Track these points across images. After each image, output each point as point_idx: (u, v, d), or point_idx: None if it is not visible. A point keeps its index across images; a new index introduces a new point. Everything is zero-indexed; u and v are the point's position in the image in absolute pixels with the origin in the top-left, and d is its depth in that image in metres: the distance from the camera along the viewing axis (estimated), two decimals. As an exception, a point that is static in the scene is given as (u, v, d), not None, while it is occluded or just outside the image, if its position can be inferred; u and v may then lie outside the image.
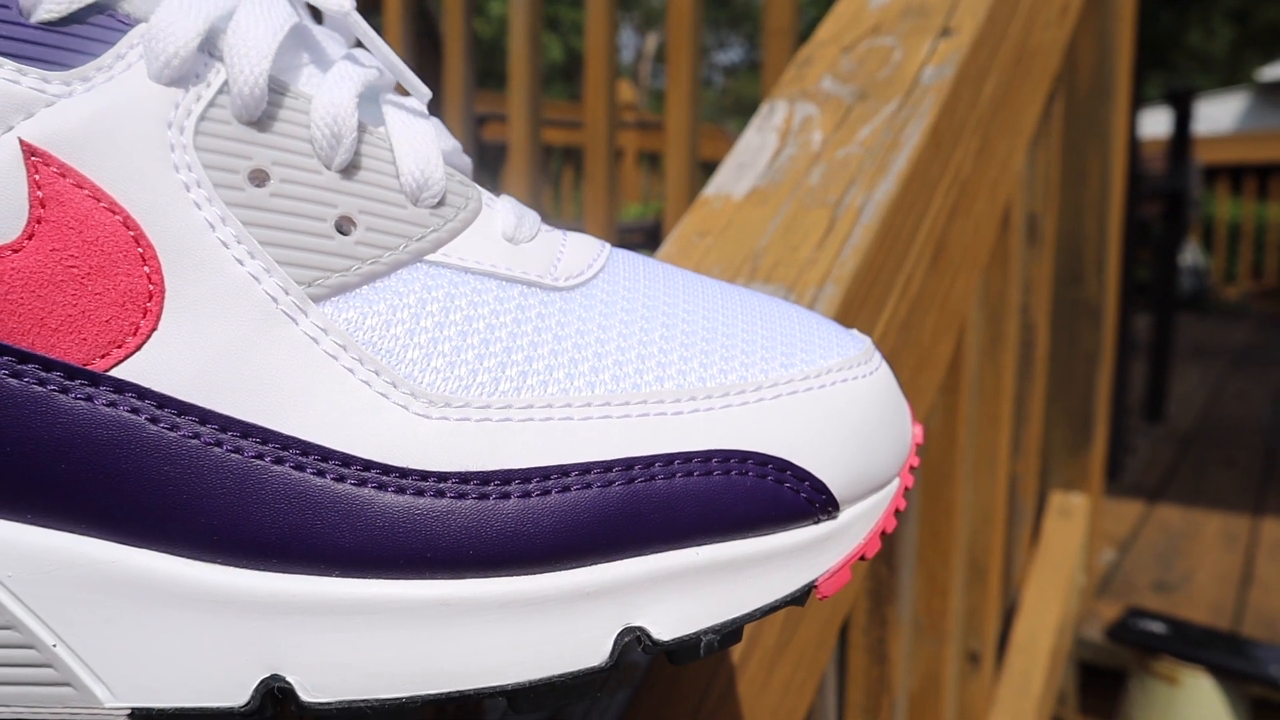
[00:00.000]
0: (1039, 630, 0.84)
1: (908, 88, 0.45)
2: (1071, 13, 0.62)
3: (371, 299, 0.16)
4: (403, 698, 0.15)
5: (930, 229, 0.45)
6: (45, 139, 0.15)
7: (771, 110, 0.46)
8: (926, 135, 0.42)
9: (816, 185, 0.42)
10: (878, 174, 0.41)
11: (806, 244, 0.39)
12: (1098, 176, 0.77)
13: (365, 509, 0.15)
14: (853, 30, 0.50)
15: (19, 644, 0.15)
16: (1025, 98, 0.56)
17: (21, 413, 0.15)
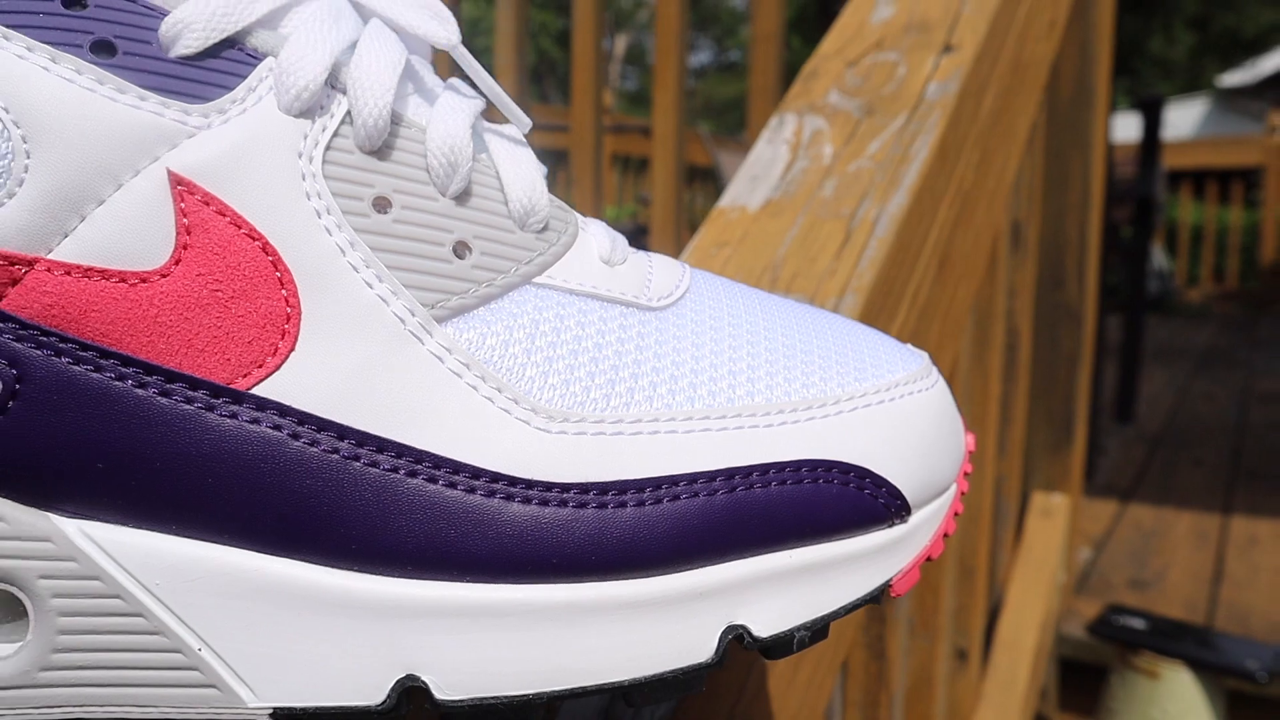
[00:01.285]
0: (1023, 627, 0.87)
1: (914, 103, 0.47)
2: (1059, 26, 0.65)
3: (489, 320, 0.17)
4: (529, 694, 0.16)
5: (936, 240, 0.47)
6: (189, 169, 0.16)
7: (781, 123, 0.48)
8: (934, 150, 0.44)
9: (830, 198, 0.43)
10: (889, 188, 0.43)
11: (824, 255, 0.40)
12: (1079, 183, 0.80)
13: (495, 519, 0.16)
14: (856, 45, 0.52)
15: (166, 648, 0.16)
16: (1019, 110, 0.59)
17: (170, 430, 0.16)
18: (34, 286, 0.15)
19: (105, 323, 0.15)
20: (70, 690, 0.16)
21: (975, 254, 0.54)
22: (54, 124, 0.15)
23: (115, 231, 0.15)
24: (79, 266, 0.15)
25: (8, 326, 0.15)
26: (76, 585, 0.16)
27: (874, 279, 0.40)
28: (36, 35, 0.15)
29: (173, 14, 0.16)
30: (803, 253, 0.41)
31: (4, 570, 0.16)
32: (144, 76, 0.16)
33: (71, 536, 0.16)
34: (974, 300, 0.70)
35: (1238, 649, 0.80)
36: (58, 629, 0.16)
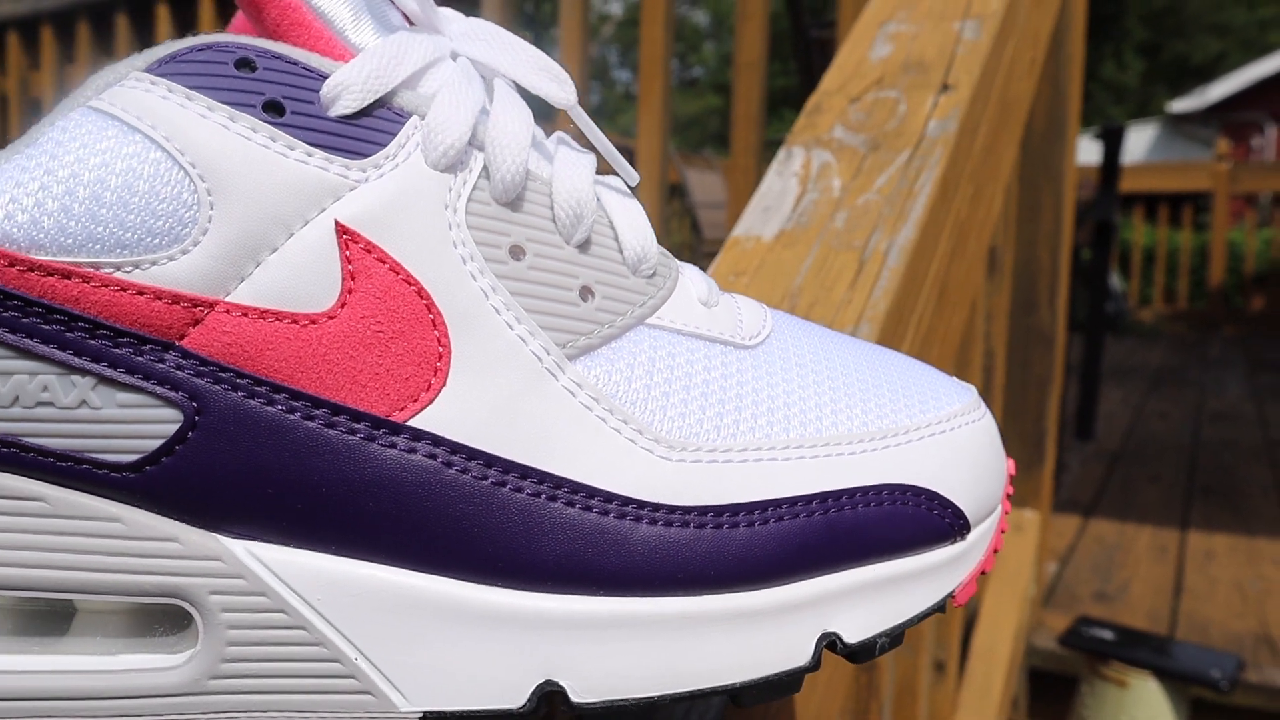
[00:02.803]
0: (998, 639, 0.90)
1: (916, 139, 0.50)
2: (1037, 64, 0.69)
3: (612, 358, 0.19)
4: (654, 696, 0.18)
5: (937, 271, 0.50)
6: (352, 219, 0.17)
7: (789, 156, 0.51)
8: (937, 185, 0.47)
9: (842, 229, 0.46)
10: (898, 221, 0.46)
11: (839, 285, 0.43)
12: (1051, 211, 0.84)
13: (627, 539, 0.18)
14: (857, 82, 0.55)
15: (326, 658, 0.17)
16: (1004, 145, 0.63)
17: (336, 458, 0.17)
18: (214, 326, 0.17)
19: (278, 360, 0.17)
20: (237, 697, 0.17)
21: (967, 283, 0.57)
22: (234, 178, 0.17)
23: (287, 277, 0.17)
24: (255, 308, 0.17)
25: (189, 363, 0.17)
26: (244, 600, 0.17)
27: (887, 308, 0.42)
28: (215, 96, 0.17)
29: (333, 77, 0.18)
30: (819, 282, 0.44)
31: (177, 587, 0.17)
32: (309, 134, 0.18)
33: (240, 556, 0.17)
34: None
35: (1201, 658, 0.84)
36: (226, 640, 0.17)
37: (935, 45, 0.55)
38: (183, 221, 0.17)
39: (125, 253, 0.16)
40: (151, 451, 0.17)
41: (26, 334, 0.16)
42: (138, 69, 0.17)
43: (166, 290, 0.17)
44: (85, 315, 0.16)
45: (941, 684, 0.84)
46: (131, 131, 0.17)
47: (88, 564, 0.17)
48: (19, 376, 0.17)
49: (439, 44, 0.20)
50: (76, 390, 0.17)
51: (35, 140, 0.17)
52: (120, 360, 0.17)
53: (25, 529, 0.17)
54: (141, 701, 0.17)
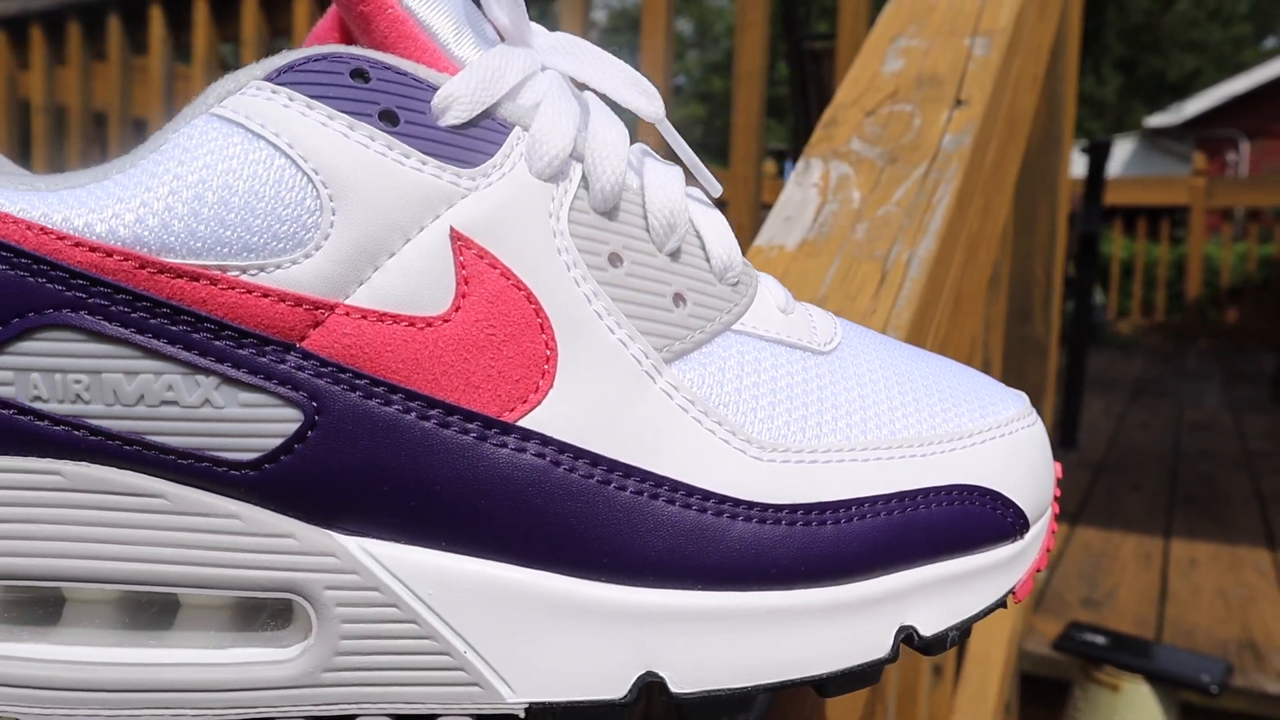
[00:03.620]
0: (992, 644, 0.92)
1: (932, 153, 0.51)
2: (1039, 80, 0.71)
3: (703, 363, 0.20)
4: (747, 686, 0.19)
5: (953, 282, 0.51)
6: (464, 226, 0.18)
7: (808, 167, 0.52)
8: (954, 198, 0.49)
9: (863, 240, 0.47)
10: (918, 233, 0.47)
11: (863, 295, 0.44)
12: (1046, 224, 0.86)
13: (724, 535, 0.19)
14: (872, 95, 0.56)
15: (435, 651, 0.18)
16: (1010, 160, 0.64)
17: (450, 457, 0.18)
18: (334, 329, 0.17)
19: (395, 361, 0.18)
20: (349, 689, 0.18)
21: (977, 293, 0.59)
22: (354, 185, 0.17)
23: (405, 281, 0.18)
24: (373, 311, 0.18)
25: (309, 364, 0.17)
26: (357, 595, 0.18)
27: (910, 318, 0.43)
28: (333, 105, 0.18)
29: (443, 88, 0.19)
30: (843, 291, 0.45)
31: (293, 582, 0.18)
32: (422, 143, 0.18)
33: (353, 552, 0.18)
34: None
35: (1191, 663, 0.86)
36: (340, 634, 0.18)
37: (947, 61, 0.56)
38: (305, 226, 0.17)
39: (251, 256, 0.17)
40: (271, 450, 0.17)
41: (154, 334, 0.17)
42: (256, 78, 0.18)
43: (290, 293, 0.17)
44: (211, 316, 0.17)
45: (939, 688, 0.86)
46: (256, 139, 0.17)
47: (206, 559, 0.18)
48: (145, 376, 0.17)
49: (532, 57, 0.20)
50: (200, 390, 0.17)
51: (159, 146, 0.17)
52: (243, 361, 0.17)
53: (146, 525, 0.17)
54: (256, 694, 0.18)
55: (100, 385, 0.17)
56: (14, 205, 0.17)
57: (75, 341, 0.17)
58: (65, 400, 0.17)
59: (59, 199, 0.17)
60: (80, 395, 0.17)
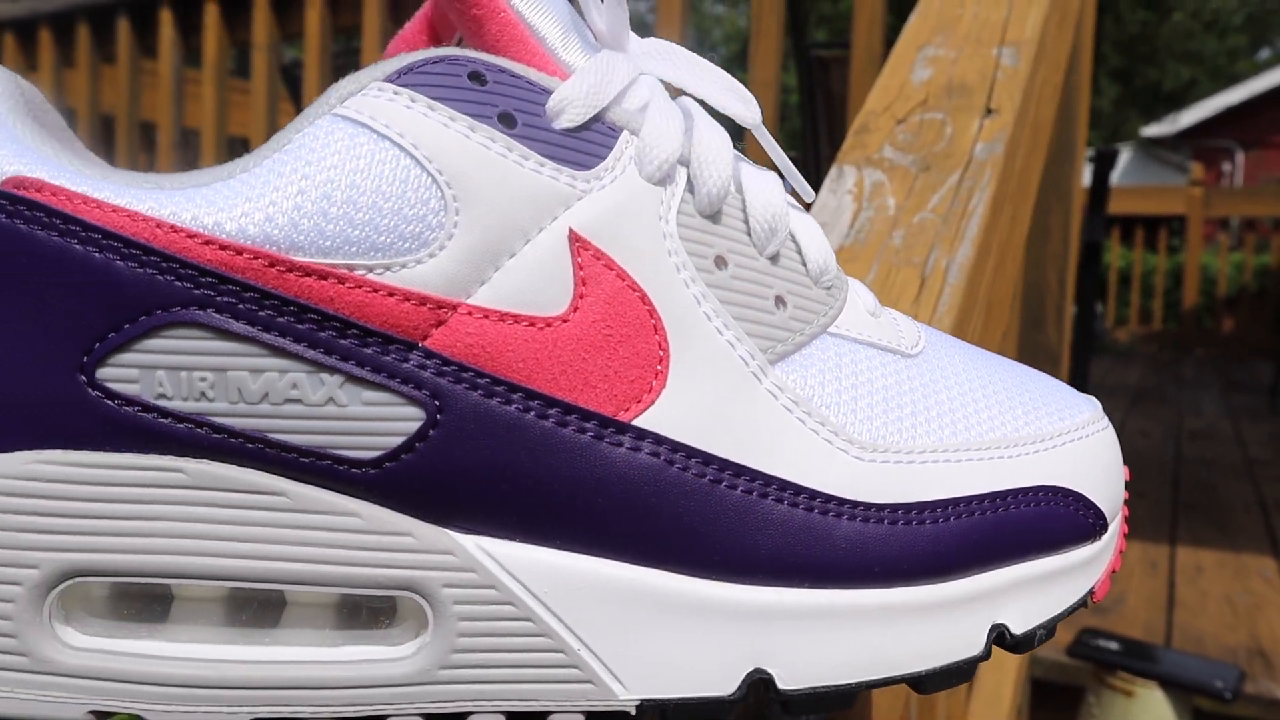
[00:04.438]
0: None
1: (965, 161, 0.52)
2: (1058, 89, 0.72)
3: (805, 364, 0.20)
4: (853, 683, 0.19)
5: (986, 289, 0.52)
6: (581, 227, 0.18)
7: (841, 174, 0.52)
8: (989, 205, 0.49)
9: (900, 247, 0.48)
10: (955, 240, 0.48)
11: (903, 301, 0.45)
12: (1059, 232, 0.87)
13: (830, 534, 0.19)
14: (902, 103, 0.57)
15: (550, 648, 0.18)
16: (1034, 168, 0.65)
17: (569, 456, 0.18)
18: (456, 328, 0.18)
19: (515, 361, 0.18)
20: (465, 687, 0.18)
21: (1004, 300, 0.59)
22: (477, 185, 0.18)
23: (525, 281, 0.18)
24: (495, 311, 0.18)
25: (432, 363, 0.18)
26: (475, 593, 0.18)
27: (950, 324, 0.44)
28: (454, 107, 0.18)
29: (557, 91, 0.19)
30: (882, 297, 0.45)
31: (411, 580, 0.18)
32: (539, 145, 0.18)
33: (470, 550, 0.18)
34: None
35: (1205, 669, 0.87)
36: (457, 632, 0.18)
37: (976, 70, 0.57)
38: (430, 226, 0.18)
39: (378, 255, 0.17)
40: (393, 449, 0.18)
41: (280, 332, 0.17)
42: (377, 79, 0.18)
43: (415, 292, 0.17)
44: (338, 315, 0.17)
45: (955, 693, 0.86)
46: (381, 139, 0.18)
47: (327, 557, 0.18)
48: (270, 374, 0.17)
49: (633, 63, 0.21)
50: (325, 388, 0.17)
51: (283, 146, 0.18)
52: (368, 359, 0.17)
53: (267, 523, 0.18)
54: (374, 691, 0.18)
55: (225, 383, 0.17)
56: (142, 203, 0.17)
57: (202, 339, 0.17)
58: (190, 398, 0.17)
59: (186, 197, 0.17)
60: (205, 393, 0.17)
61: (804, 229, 0.22)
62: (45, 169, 0.17)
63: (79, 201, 0.17)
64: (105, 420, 0.17)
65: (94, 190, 0.17)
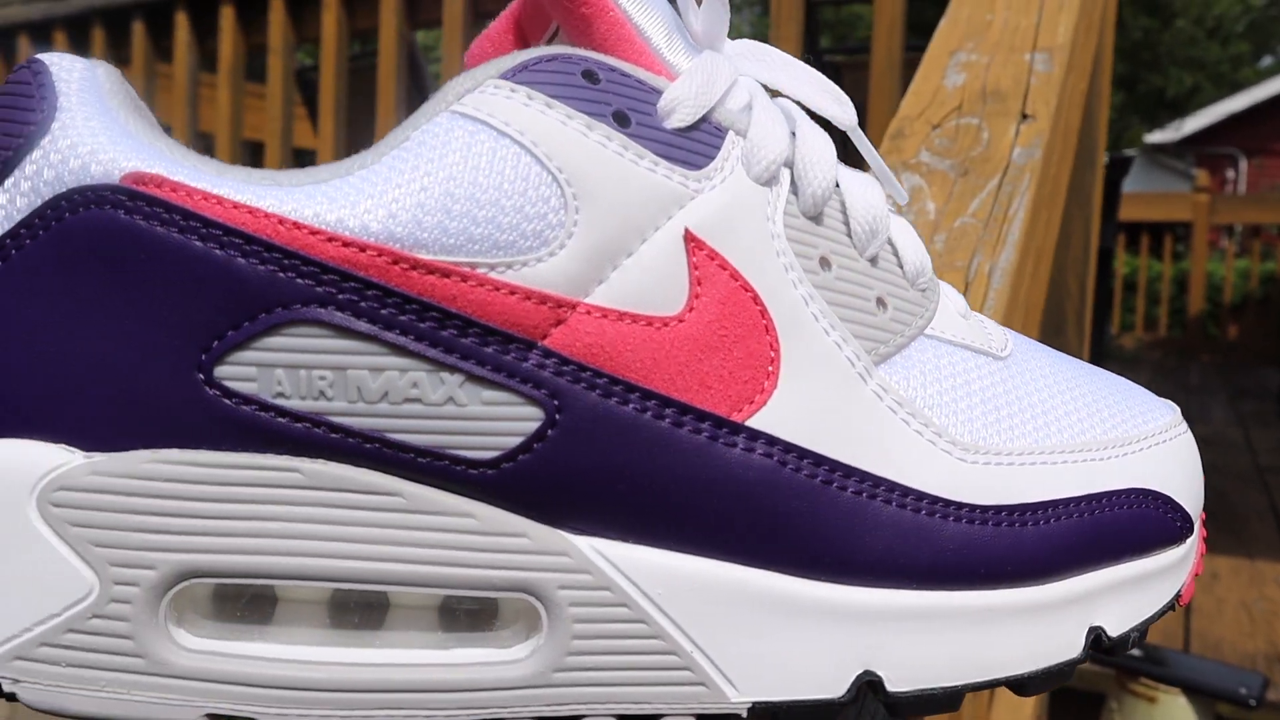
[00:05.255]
0: (1025, 658, 0.92)
1: (1003, 166, 0.52)
2: (1084, 95, 0.72)
3: (906, 366, 0.20)
4: (958, 686, 0.19)
5: (1025, 293, 0.52)
6: (695, 227, 0.18)
7: (879, 177, 0.52)
8: (1029, 210, 0.49)
9: (942, 251, 0.48)
10: (998, 244, 0.48)
11: (948, 303, 0.44)
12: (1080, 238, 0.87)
13: (937, 535, 0.19)
14: (937, 109, 0.57)
15: (663, 650, 0.18)
16: (1064, 173, 0.65)
17: (684, 456, 0.18)
18: (575, 327, 0.18)
19: (633, 361, 0.18)
20: (580, 690, 0.18)
21: (1038, 306, 0.59)
22: (595, 184, 0.18)
23: (641, 281, 0.18)
24: (613, 310, 0.18)
25: (550, 363, 0.17)
26: (589, 595, 0.18)
27: (997, 327, 0.44)
28: (571, 105, 0.18)
29: (668, 91, 0.19)
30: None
31: (527, 581, 0.18)
32: (653, 145, 0.18)
33: (585, 552, 0.18)
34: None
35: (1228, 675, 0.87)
36: (572, 634, 0.18)
37: (1009, 75, 0.57)
38: (550, 225, 0.18)
39: (500, 253, 0.17)
40: (511, 449, 0.18)
41: (401, 331, 0.17)
42: (492, 77, 0.18)
43: (536, 291, 0.17)
44: (460, 313, 0.17)
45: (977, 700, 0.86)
46: (501, 136, 0.18)
47: (443, 559, 0.18)
48: (390, 373, 0.17)
49: (733, 64, 0.21)
50: (445, 387, 0.17)
51: (401, 143, 0.18)
52: (488, 358, 0.17)
53: (384, 524, 0.18)
54: (488, 694, 0.18)
55: (345, 382, 0.17)
56: (263, 200, 0.17)
57: (322, 337, 0.17)
58: (308, 397, 0.17)
59: (306, 195, 0.17)
60: (324, 392, 0.17)
61: (899, 231, 0.22)
62: (163, 164, 0.17)
63: (199, 197, 0.17)
64: (222, 419, 0.17)
65: (213, 186, 0.17)
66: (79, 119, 0.18)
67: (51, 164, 0.17)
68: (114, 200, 0.17)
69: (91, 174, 0.17)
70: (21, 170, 0.18)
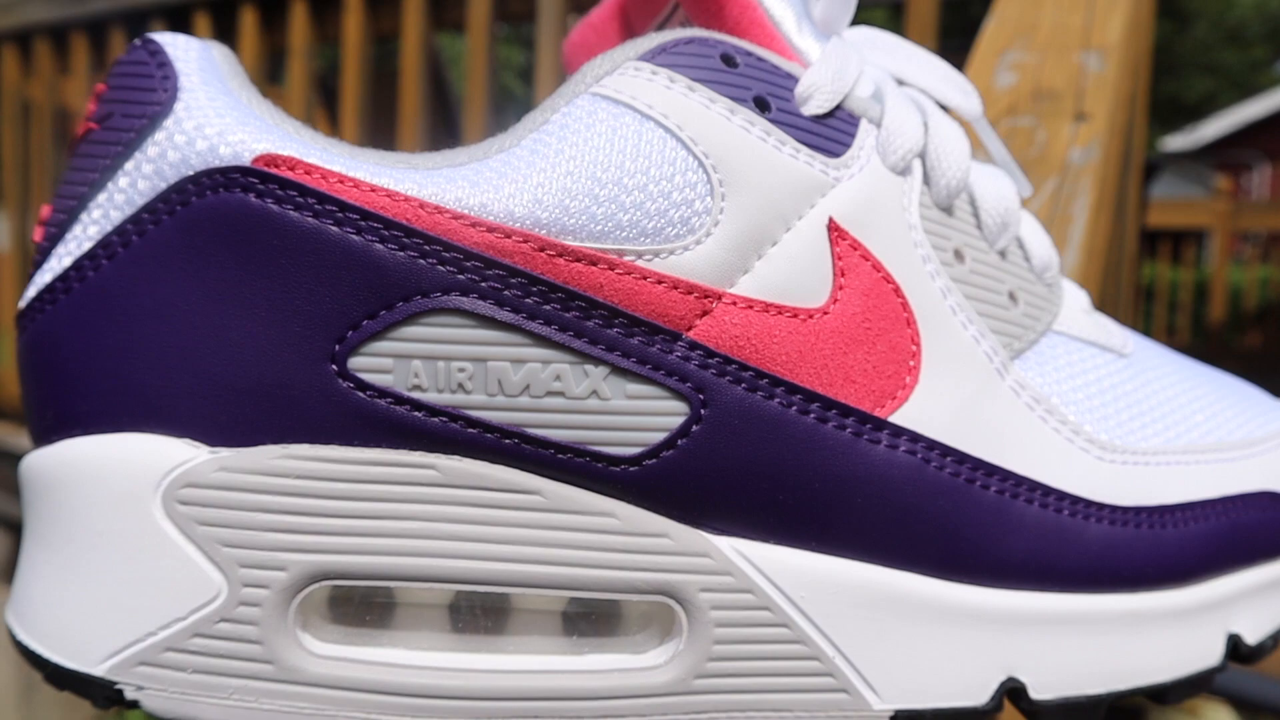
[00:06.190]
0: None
1: (1061, 167, 0.51)
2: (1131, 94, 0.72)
3: (1038, 362, 0.20)
4: (1102, 694, 0.19)
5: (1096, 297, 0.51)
6: (838, 216, 0.18)
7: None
8: (1091, 212, 0.49)
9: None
10: (1062, 246, 0.47)
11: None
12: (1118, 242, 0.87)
13: (1080, 536, 0.19)
14: (989, 109, 0.56)
15: (805, 656, 0.18)
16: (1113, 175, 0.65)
17: (829, 453, 0.18)
18: (721, 318, 0.17)
19: (779, 354, 0.17)
20: (719, 697, 0.18)
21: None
22: (741, 170, 0.17)
23: (786, 271, 0.18)
24: (759, 301, 0.17)
25: (696, 355, 0.17)
26: (731, 598, 0.17)
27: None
28: (713, 89, 0.18)
29: (805, 77, 0.19)
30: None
31: (668, 584, 0.17)
32: (793, 131, 0.18)
33: (726, 553, 0.18)
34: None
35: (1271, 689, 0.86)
36: (714, 639, 0.17)
37: (1062, 75, 0.57)
38: (697, 211, 0.17)
39: (646, 241, 0.17)
40: (654, 445, 0.17)
41: (545, 321, 0.17)
42: (630, 59, 0.18)
43: (683, 280, 0.17)
44: (605, 303, 0.17)
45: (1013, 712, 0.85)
46: (644, 119, 0.17)
47: (582, 560, 0.17)
48: (532, 365, 0.17)
49: (860, 52, 0.20)
50: (589, 380, 0.17)
51: (541, 125, 0.17)
52: (633, 350, 0.17)
53: (522, 524, 0.17)
54: (625, 702, 0.17)
55: (485, 374, 0.17)
56: (402, 183, 0.17)
57: (463, 327, 0.17)
58: (446, 390, 0.17)
59: (445, 178, 0.17)
60: (463, 384, 0.17)
61: (1025, 224, 0.21)
62: (295, 146, 0.17)
63: (335, 180, 0.17)
64: (355, 413, 0.17)
65: (349, 169, 0.17)
66: (202, 99, 0.17)
67: (176, 146, 0.17)
68: (245, 183, 0.17)
69: (220, 156, 0.17)
70: (143, 152, 0.17)
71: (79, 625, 0.17)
